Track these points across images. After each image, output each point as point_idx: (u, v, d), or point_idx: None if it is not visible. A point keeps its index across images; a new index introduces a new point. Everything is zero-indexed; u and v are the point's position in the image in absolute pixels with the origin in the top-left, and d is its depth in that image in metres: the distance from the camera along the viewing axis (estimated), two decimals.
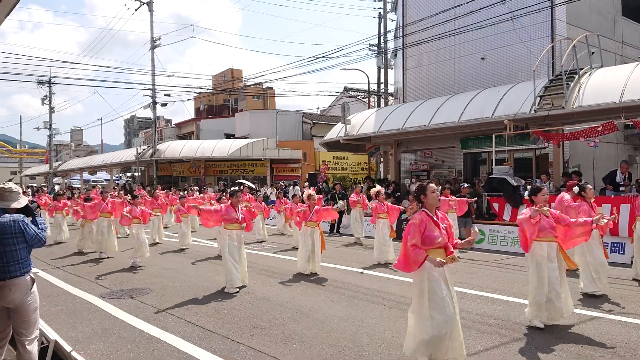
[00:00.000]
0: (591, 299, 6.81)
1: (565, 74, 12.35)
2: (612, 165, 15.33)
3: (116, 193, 18.02)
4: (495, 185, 12.75)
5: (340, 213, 13.68)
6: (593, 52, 13.49)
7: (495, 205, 12.83)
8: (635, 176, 12.37)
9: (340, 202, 12.68)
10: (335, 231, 15.91)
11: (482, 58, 17.03)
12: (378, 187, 11.15)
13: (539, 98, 12.60)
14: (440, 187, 12.12)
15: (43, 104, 39.15)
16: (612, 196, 10.90)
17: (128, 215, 10.65)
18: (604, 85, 11.86)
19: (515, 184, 12.32)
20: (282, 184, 23.38)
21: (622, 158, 16.20)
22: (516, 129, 13.09)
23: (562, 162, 14.00)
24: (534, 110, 12.54)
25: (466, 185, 13.40)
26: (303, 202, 10.39)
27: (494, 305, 6.62)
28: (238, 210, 8.06)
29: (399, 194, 17.21)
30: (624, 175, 11.28)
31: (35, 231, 4.07)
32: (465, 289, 7.58)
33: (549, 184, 12.60)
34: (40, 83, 36.62)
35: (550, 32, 15.03)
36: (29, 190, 25.35)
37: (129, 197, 11.96)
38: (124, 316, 6.43)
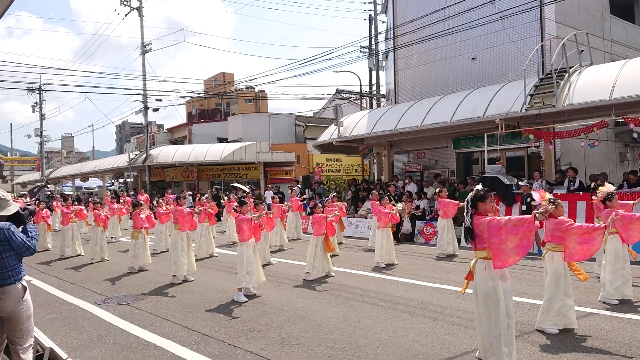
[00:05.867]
0: (585, 295, 6.86)
1: (555, 73, 12.44)
2: (603, 162, 15.47)
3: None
4: (488, 185, 12.71)
5: (400, 217, 11.68)
6: (582, 51, 13.59)
7: None
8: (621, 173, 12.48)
9: (400, 204, 11.13)
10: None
11: (473, 58, 17.12)
12: (609, 186, 7.53)
13: (529, 97, 12.68)
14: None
15: (34, 111, 38.85)
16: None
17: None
18: (593, 83, 11.95)
19: (508, 183, 12.37)
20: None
21: (613, 156, 16.37)
22: (508, 128, 13.16)
23: (554, 160, 14.09)
24: (525, 109, 12.61)
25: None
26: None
27: None
28: None
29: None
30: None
31: (22, 239, 4.02)
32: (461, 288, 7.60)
33: (542, 181, 12.67)
34: (31, 90, 36.36)
35: (540, 32, 15.13)
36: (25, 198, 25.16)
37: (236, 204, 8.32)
38: (119, 322, 6.38)
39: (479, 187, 4.61)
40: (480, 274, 4.41)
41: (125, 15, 28.37)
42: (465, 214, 4.55)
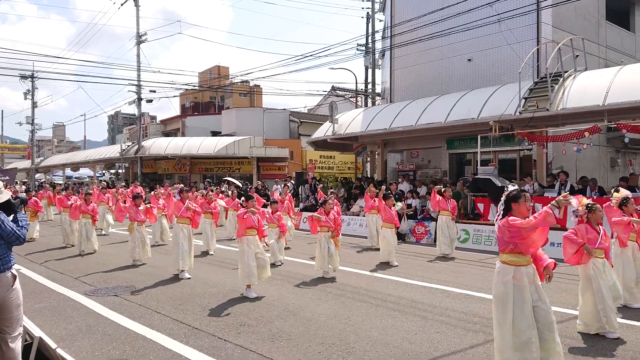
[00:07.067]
0: (574, 298, 6.92)
1: (550, 77, 12.51)
2: (594, 167, 15.62)
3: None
4: (480, 186, 12.87)
5: (399, 216, 11.51)
6: (577, 56, 13.68)
7: (480, 206, 12.96)
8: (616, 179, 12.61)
9: (399, 203, 10.90)
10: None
11: (469, 59, 17.18)
12: (624, 192, 7.06)
13: (524, 100, 12.75)
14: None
15: (25, 98, 38.37)
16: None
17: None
18: (587, 88, 12.04)
19: (499, 185, 12.45)
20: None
21: (604, 161, 16.52)
22: (501, 130, 13.23)
23: (546, 164, 14.19)
24: (519, 112, 12.68)
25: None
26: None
27: (478, 304, 6.70)
28: None
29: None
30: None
31: (12, 228, 3.98)
32: (451, 288, 7.67)
33: (533, 184, 12.78)
34: (23, 77, 35.91)
35: (536, 35, 15.21)
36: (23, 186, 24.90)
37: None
38: (108, 314, 6.36)
39: (512, 187, 4.44)
40: (495, 278, 4.34)
41: (121, 4, 28.17)
42: (496, 216, 4.42)
